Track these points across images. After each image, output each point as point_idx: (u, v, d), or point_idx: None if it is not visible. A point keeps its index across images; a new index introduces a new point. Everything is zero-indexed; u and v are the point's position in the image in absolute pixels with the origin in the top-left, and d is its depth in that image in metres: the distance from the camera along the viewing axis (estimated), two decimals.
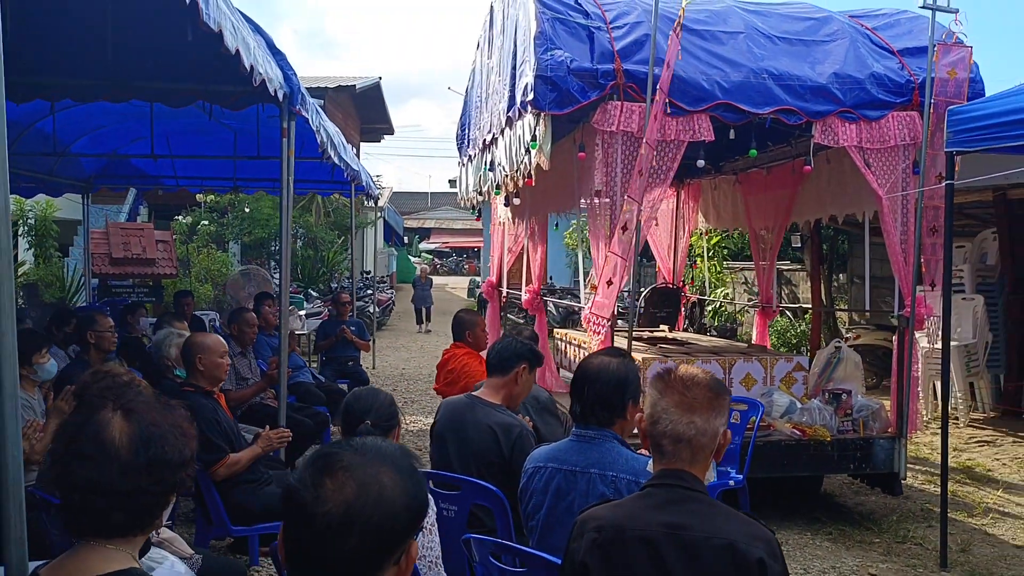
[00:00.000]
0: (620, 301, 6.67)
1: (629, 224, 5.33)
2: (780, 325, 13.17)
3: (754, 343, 8.17)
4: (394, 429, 2.98)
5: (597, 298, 5.45)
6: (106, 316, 5.61)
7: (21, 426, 4.09)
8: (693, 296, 9.80)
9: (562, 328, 10.21)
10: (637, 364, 3.85)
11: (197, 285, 14.92)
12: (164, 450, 1.80)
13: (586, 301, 6.08)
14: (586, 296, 9.66)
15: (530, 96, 5.42)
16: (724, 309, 15.22)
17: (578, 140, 5.86)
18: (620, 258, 5.28)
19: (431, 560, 2.69)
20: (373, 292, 16.80)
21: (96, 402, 3.19)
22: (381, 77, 25.79)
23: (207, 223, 17.56)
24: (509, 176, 6.44)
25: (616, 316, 5.82)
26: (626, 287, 5.90)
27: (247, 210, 16.56)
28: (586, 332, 7.26)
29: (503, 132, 6.53)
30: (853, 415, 5.91)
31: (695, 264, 12.73)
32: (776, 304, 8.58)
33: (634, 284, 5.91)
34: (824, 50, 5.87)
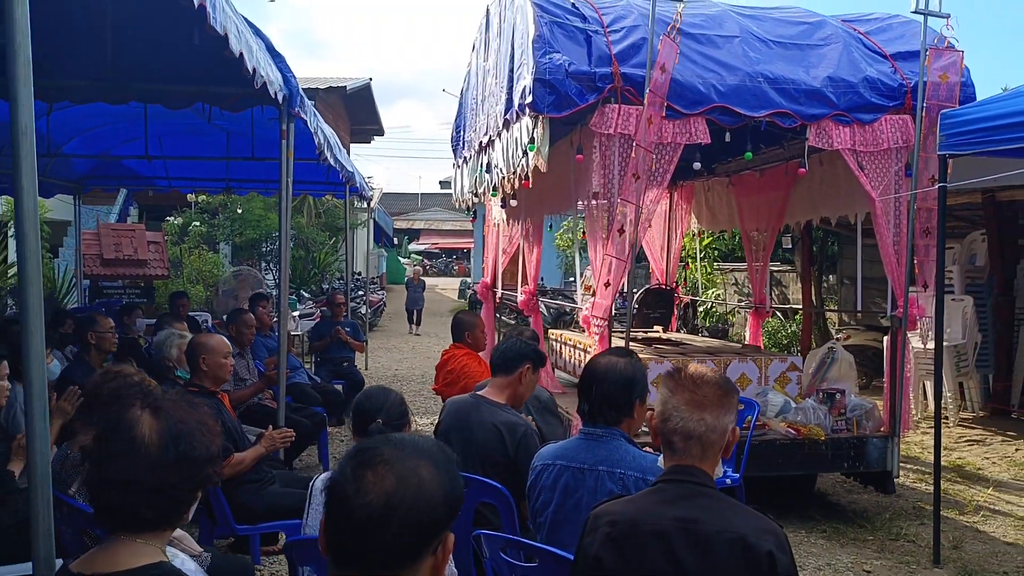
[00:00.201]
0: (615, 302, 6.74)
1: (626, 226, 5.39)
2: (771, 326, 13.26)
3: (748, 343, 8.25)
4: (404, 428, 3.02)
5: (595, 299, 5.50)
6: (106, 317, 5.64)
7: None
8: (686, 297, 9.87)
9: (554, 328, 10.27)
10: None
11: (189, 286, 14.91)
12: (192, 446, 1.84)
13: (582, 302, 6.14)
14: (581, 297, 9.70)
15: (528, 99, 5.46)
16: (715, 310, 15.31)
17: (575, 142, 5.92)
18: (619, 260, 5.34)
19: None
20: (365, 293, 16.80)
21: (115, 401, 3.24)
22: (371, 78, 25.81)
23: (198, 224, 17.53)
24: (506, 178, 6.49)
25: (611, 317, 5.86)
26: (622, 288, 5.96)
27: (239, 211, 16.53)
28: (584, 333, 7.33)
29: (500, 134, 6.57)
30: (847, 414, 5.99)
31: (687, 265, 12.81)
32: (769, 305, 8.66)
33: (629, 286, 5.96)
34: (818, 54, 5.95)
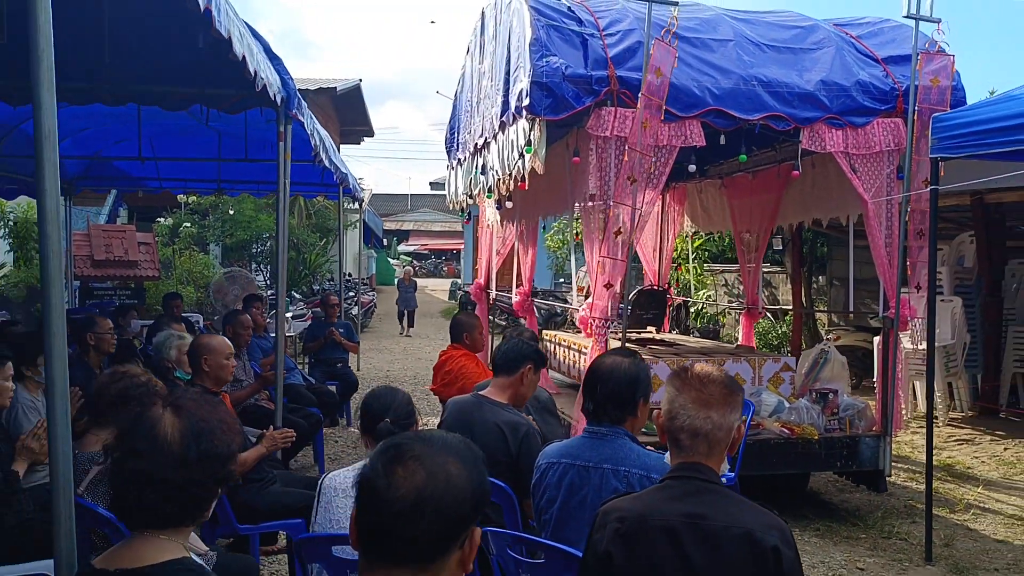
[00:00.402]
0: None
1: (623, 228, 5.45)
2: (761, 327, 13.34)
3: (741, 344, 8.32)
4: (412, 427, 3.05)
5: (592, 300, 5.55)
6: (105, 318, 5.65)
7: (31, 427, 4.15)
8: (678, 298, 9.94)
9: (545, 329, 10.31)
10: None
11: (179, 287, 14.88)
12: (213, 444, 1.88)
13: (577, 303, 6.18)
14: (576, 299, 9.70)
15: (526, 101, 5.51)
16: (706, 311, 15.40)
17: (571, 145, 5.97)
18: (617, 261, 5.39)
19: None
20: (356, 294, 16.80)
21: (123, 402, 3.26)
22: (361, 79, 25.81)
23: (189, 225, 17.50)
24: (501, 180, 6.53)
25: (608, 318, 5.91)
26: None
27: (231, 212, 16.52)
28: (578, 334, 7.38)
29: (496, 136, 6.61)
30: (839, 414, 6.06)
31: (679, 266, 12.88)
32: (762, 306, 8.73)
33: (624, 287, 6.01)
34: (811, 58, 6.02)
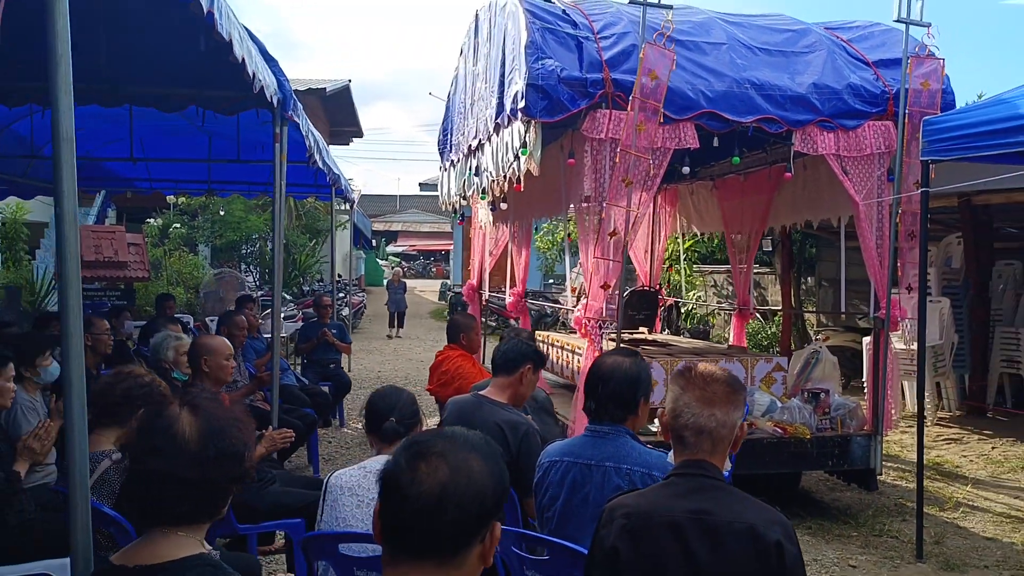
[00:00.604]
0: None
1: (618, 229, 5.50)
2: (751, 327, 13.42)
3: (733, 344, 8.39)
4: (416, 426, 3.09)
5: (587, 301, 5.60)
6: (102, 319, 5.65)
7: (31, 428, 4.16)
8: (670, 299, 10.00)
9: (536, 330, 10.34)
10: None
11: (169, 288, 14.86)
12: (230, 442, 1.91)
13: (570, 304, 6.22)
14: (569, 299, 9.73)
15: (521, 104, 5.54)
16: (696, 311, 15.49)
17: (565, 147, 6.01)
18: (612, 261, 5.44)
19: None
20: (347, 295, 16.81)
21: (127, 402, 3.28)
22: (351, 80, 25.80)
23: (178, 226, 17.47)
24: (495, 181, 6.57)
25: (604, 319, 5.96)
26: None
27: (221, 212, 16.50)
28: (571, 334, 7.42)
29: (490, 138, 6.65)
30: (831, 414, 6.12)
31: (670, 267, 12.95)
32: (753, 307, 8.80)
33: (619, 288, 6.06)
34: (803, 61, 6.08)
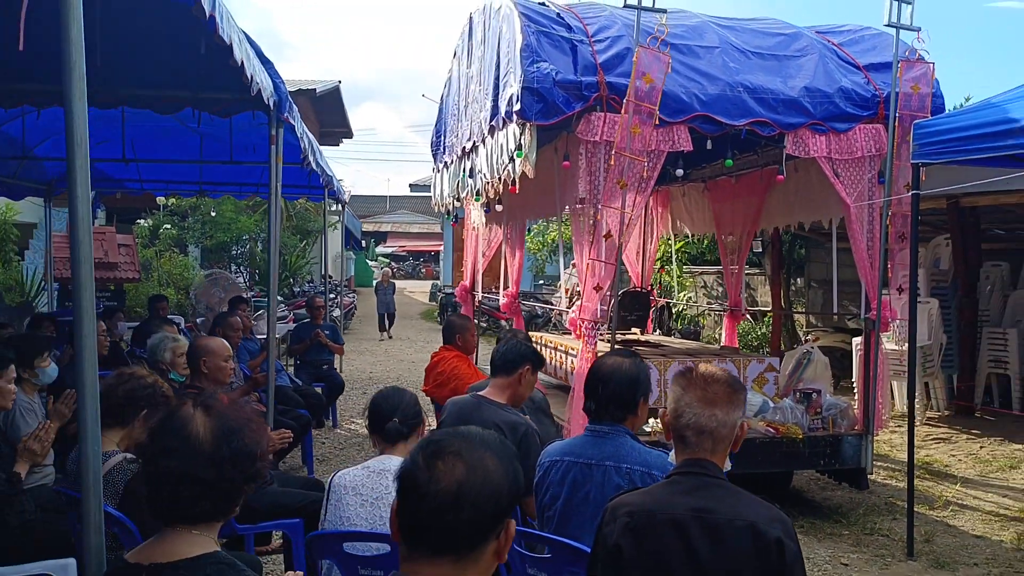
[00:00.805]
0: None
1: (612, 231, 5.54)
2: (742, 328, 13.50)
3: (725, 345, 8.45)
4: (419, 427, 3.13)
5: (582, 302, 5.64)
6: (98, 320, 5.65)
7: (29, 429, 4.18)
8: (661, 300, 10.07)
9: (527, 331, 10.39)
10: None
11: (159, 289, 14.84)
12: (244, 442, 1.94)
13: (559, 304, 6.26)
14: (558, 300, 9.75)
15: (516, 106, 5.58)
16: (686, 312, 15.56)
17: (560, 149, 6.06)
18: (607, 264, 5.48)
19: None
20: (338, 296, 16.82)
21: (130, 403, 3.31)
22: (340, 81, 25.82)
23: (169, 227, 17.45)
24: (490, 183, 6.61)
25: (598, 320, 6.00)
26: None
27: (213, 214, 16.49)
28: (564, 336, 7.47)
29: (484, 140, 6.69)
30: (823, 413, 6.19)
31: (661, 268, 13.02)
32: (744, 308, 8.87)
33: (614, 289, 6.11)
34: (795, 65, 6.14)
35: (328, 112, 27.33)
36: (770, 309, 12.53)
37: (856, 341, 9.11)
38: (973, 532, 5.99)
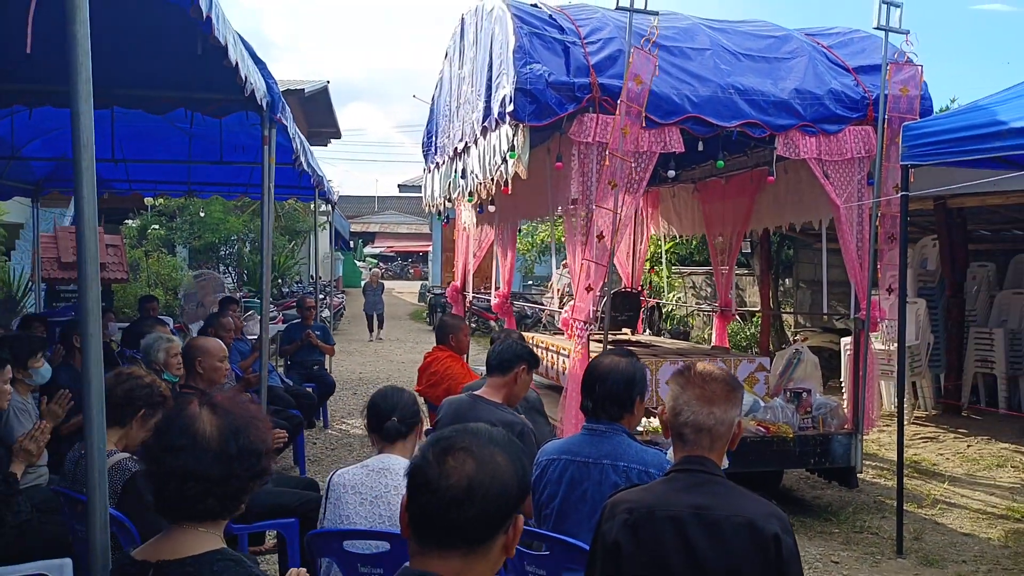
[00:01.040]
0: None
1: (605, 232, 5.58)
2: (731, 328, 13.57)
3: (715, 345, 8.50)
4: (417, 426, 3.15)
5: (576, 303, 5.67)
6: None
7: (23, 430, 4.17)
8: (652, 300, 10.12)
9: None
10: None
11: (148, 289, 14.80)
12: (250, 439, 1.96)
13: (550, 305, 6.29)
14: (549, 300, 9.74)
15: (509, 107, 5.61)
16: (675, 312, 15.63)
17: (552, 150, 6.08)
18: (599, 264, 5.52)
19: None
20: (327, 296, 16.79)
21: (128, 403, 3.32)
22: (329, 81, 25.78)
23: (157, 227, 17.39)
24: (482, 184, 6.63)
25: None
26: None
27: (201, 214, 16.44)
28: (555, 336, 7.49)
29: (476, 141, 6.71)
30: (813, 413, 6.24)
31: (651, 269, 13.07)
32: (735, 308, 8.92)
33: (604, 289, 6.14)
34: (785, 67, 6.19)
35: (316, 112, 27.28)
36: (759, 309, 12.60)
37: (844, 341, 9.19)
38: (961, 530, 6.06)
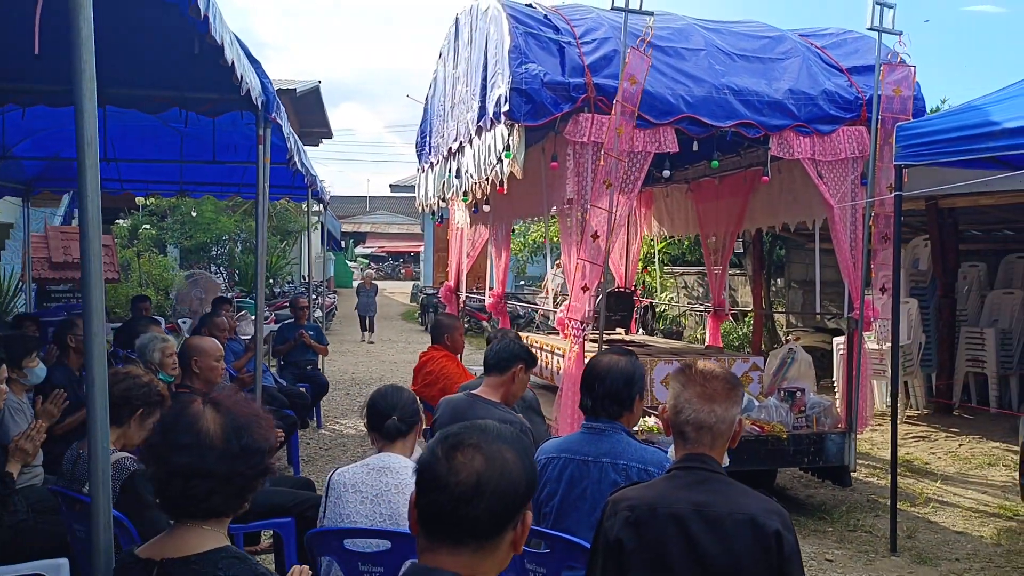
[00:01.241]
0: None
1: (600, 231, 5.59)
2: (723, 328, 13.60)
3: (709, 344, 8.53)
4: (417, 425, 3.15)
5: (571, 302, 5.68)
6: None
7: (19, 429, 4.16)
8: (645, 300, 10.14)
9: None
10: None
11: (139, 290, 14.74)
12: (254, 437, 1.97)
13: (543, 305, 6.30)
14: (542, 300, 9.76)
15: (504, 107, 5.61)
16: (668, 312, 15.66)
17: (548, 150, 6.09)
18: (593, 264, 5.53)
19: None
20: (319, 297, 16.78)
21: (126, 403, 3.31)
22: (320, 81, 25.75)
23: (148, 227, 17.33)
24: (477, 183, 6.64)
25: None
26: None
27: (193, 214, 16.40)
28: (551, 336, 7.50)
29: (471, 141, 6.71)
30: (807, 412, 6.27)
31: (645, 269, 13.09)
32: (728, 308, 8.95)
33: (604, 289, 6.15)
34: (779, 67, 6.22)
35: (308, 112, 27.22)
36: (751, 309, 12.63)
37: (837, 341, 9.23)
38: (954, 528, 6.09)
